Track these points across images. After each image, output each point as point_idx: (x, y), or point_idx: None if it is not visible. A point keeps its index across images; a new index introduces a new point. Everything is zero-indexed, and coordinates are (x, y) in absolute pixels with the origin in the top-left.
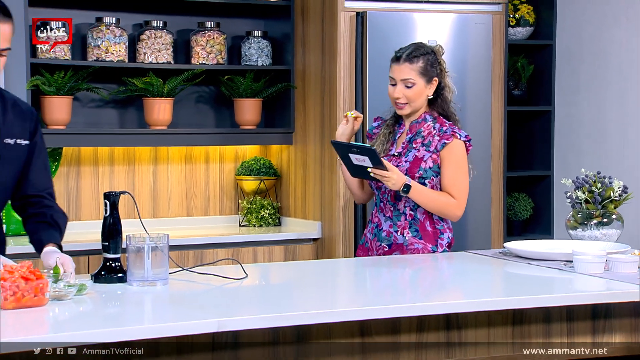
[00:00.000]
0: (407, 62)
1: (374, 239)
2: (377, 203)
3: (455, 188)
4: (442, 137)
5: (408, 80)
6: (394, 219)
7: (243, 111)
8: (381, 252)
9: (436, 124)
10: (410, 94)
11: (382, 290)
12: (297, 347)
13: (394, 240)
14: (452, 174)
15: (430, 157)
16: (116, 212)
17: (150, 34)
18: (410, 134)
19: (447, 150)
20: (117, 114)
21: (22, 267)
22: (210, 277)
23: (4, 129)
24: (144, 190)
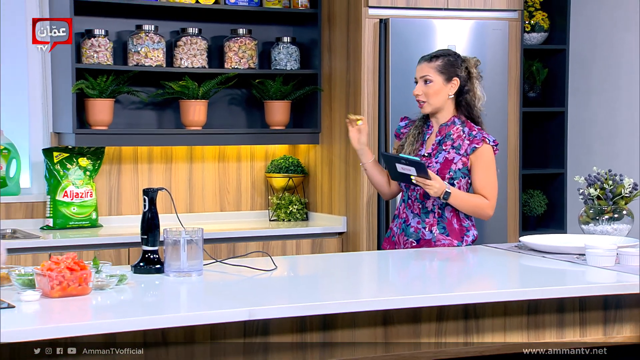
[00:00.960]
0: (427, 61)
1: (401, 233)
2: (404, 200)
3: (487, 190)
4: (473, 142)
5: (426, 76)
6: (422, 216)
7: (273, 113)
8: (409, 247)
9: (465, 128)
10: (428, 91)
11: (403, 282)
12: (323, 335)
13: (422, 236)
14: (484, 177)
15: (460, 159)
16: (154, 207)
17: (186, 40)
18: (440, 136)
19: (477, 154)
20: (156, 115)
21: (67, 258)
22: (241, 268)
23: None
24: (180, 187)
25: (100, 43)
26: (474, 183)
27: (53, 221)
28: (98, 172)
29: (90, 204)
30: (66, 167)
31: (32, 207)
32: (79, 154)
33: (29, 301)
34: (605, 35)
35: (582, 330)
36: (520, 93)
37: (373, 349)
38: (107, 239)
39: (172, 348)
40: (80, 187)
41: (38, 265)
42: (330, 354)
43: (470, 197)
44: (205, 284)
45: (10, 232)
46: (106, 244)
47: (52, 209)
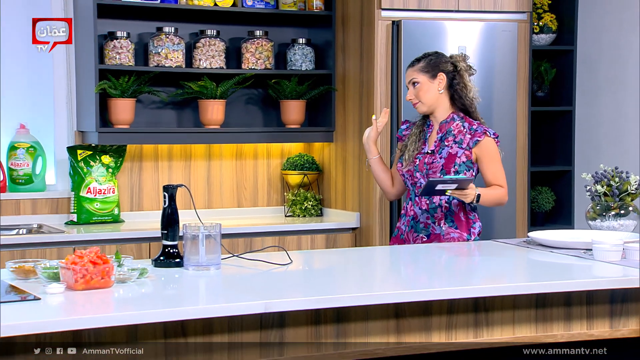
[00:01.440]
0: (411, 67)
1: (410, 230)
2: (411, 198)
3: (500, 180)
4: (474, 135)
5: (413, 79)
6: (431, 211)
7: (288, 112)
8: (419, 242)
9: (465, 123)
10: (417, 92)
11: (415, 276)
12: (337, 327)
13: (432, 230)
14: (494, 169)
15: (464, 153)
16: (174, 203)
17: (205, 41)
18: (441, 133)
19: (481, 147)
20: (175, 114)
21: (90, 252)
22: (258, 262)
23: None
24: (198, 184)
25: (122, 45)
26: (486, 176)
27: (77, 216)
28: (120, 169)
29: (113, 200)
30: (89, 164)
31: (57, 203)
32: (101, 152)
33: (54, 293)
34: (612, 36)
35: (589, 324)
36: (528, 92)
37: (385, 341)
38: (129, 233)
39: (191, 339)
40: (103, 183)
41: (63, 259)
42: (344, 346)
43: (492, 191)
44: (223, 278)
45: (36, 227)
46: (128, 238)
47: (76, 204)
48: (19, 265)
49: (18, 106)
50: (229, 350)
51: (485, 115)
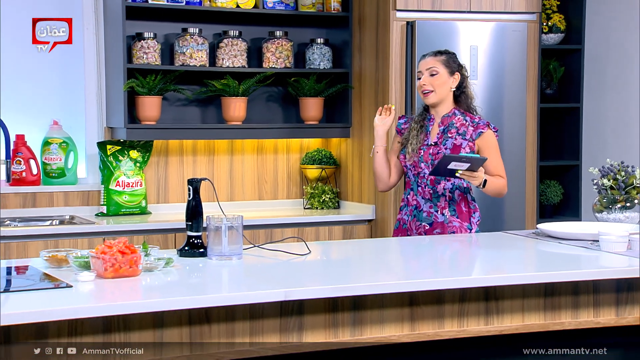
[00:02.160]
0: (433, 55)
1: (413, 219)
2: (413, 188)
3: (501, 170)
4: (477, 128)
5: (432, 68)
6: (434, 200)
7: (307, 109)
8: (422, 231)
9: (466, 117)
10: (434, 82)
11: (428, 266)
12: (353, 315)
13: (435, 219)
14: (496, 160)
15: (467, 144)
16: (198, 196)
17: (227, 42)
18: (443, 126)
19: (483, 139)
20: (199, 111)
21: (119, 242)
22: (278, 253)
23: None
24: (221, 177)
25: (149, 45)
26: (488, 167)
27: (107, 208)
28: (147, 164)
29: (140, 193)
30: (118, 159)
31: (87, 195)
32: (130, 147)
33: (84, 281)
34: (618, 35)
35: (595, 312)
36: (538, 90)
37: (400, 328)
38: (156, 225)
39: (214, 326)
40: (131, 177)
41: (93, 249)
42: (360, 332)
43: (495, 180)
44: (245, 267)
45: (68, 218)
46: (154, 229)
47: (106, 197)
48: (52, 255)
49: (51, 104)
50: (250, 335)
51: (496, 112)
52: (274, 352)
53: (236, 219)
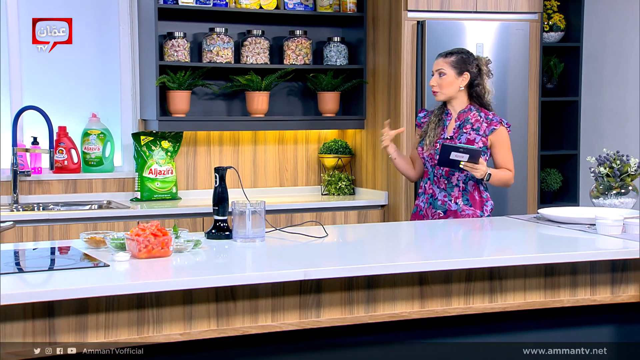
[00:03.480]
0: (443, 57)
1: (429, 207)
2: (430, 178)
3: (509, 164)
4: (491, 124)
5: (440, 70)
6: (448, 190)
7: (325, 102)
8: (436, 218)
9: (481, 113)
10: (441, 82)
11: (437, 247)
12: (367, 293)
13: (449, 207)
14: (506, 154)
15: (481, 139)
16: (224, 183)
17: (251, 40)
18: (459, 121)
19: (496, 135)
20: (225, 105)
21: (152, 225)
22: (298, 235)
23: None
24: (245, 166)
25: (180, 43)
26: (497, 160)
27: (140, 194)
28: (177, 153)
29: (171, 180)
30: (151, 148)
31: (123, 182)
32: (161, 138)
33: (120, 261)
34: (615, 34)
35: (592, 290)
36: (539, 85)
37: (410, 305)
38: (185, 209)
39: (239, 303)
40: (162, 165)
41: (128, 231)
42: (373, 309)
43: (501, 172)
44: (267, 249)
45: (105, 203)
46: (184, 213)
47: (140, 184)
48: (91, 236)
49: (90, 98)
50: (272, 312)
51: (500, 105)
52: (293, 327)
53: (259, 204)
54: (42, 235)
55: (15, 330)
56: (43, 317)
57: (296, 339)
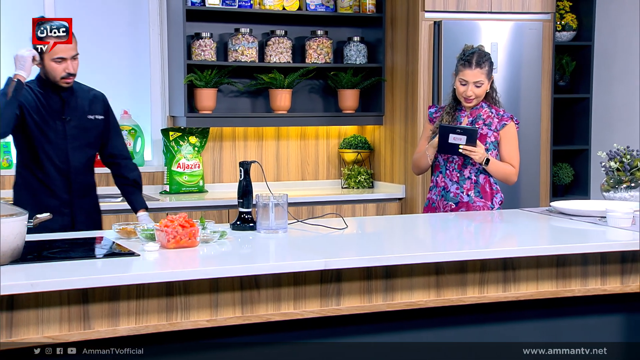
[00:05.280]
0: (478, 67)
1: (441, 199)
2: (442, 171)
3: (514, 160)
4: (502, 120)
5: (479, 81)
6: (460, 182)
7: (345, 99)
8: (448, 210)
9: (492, 110)
10: (479, 92)
11: (452, 239)
12: (385, 282)
13: (460, 199)
14: (512, 149)
15: (493, 134)
16: (248, 176)
17: (274, 40)
18: (471, 117)
19: (506, 130)
20: (250, 102)
21: (179, 217)
22: (318, 227)
23: (89, 109)
24: (269, 160)
25: (206, 43)
26: (502, 154)
27: (169, 187)
28: (204, 148)
29: (198, 174)
30: (179, 143)
31: (153, 176)
32: (189, 133)
33: (150, 251)
34: (626, 33)
35: (602, 280)
36: (551, 82)
37: (427, 294)
38: (211, 202)
39: (262, 291)
40: (190, 160)
41: (157, 223)
42: (391, 298)
43: (503, 165)
44: (289, 240)
45: None
46: (210, 206)
47: (169, 177)
48: (123, 227)
49: (122, 96)
50: (294, 300)
51: (513, 101)
52: (315, 315)
53: (282, 197)
54: None
55: (53, 316)
56: (78, 303)
57: (317, 325)
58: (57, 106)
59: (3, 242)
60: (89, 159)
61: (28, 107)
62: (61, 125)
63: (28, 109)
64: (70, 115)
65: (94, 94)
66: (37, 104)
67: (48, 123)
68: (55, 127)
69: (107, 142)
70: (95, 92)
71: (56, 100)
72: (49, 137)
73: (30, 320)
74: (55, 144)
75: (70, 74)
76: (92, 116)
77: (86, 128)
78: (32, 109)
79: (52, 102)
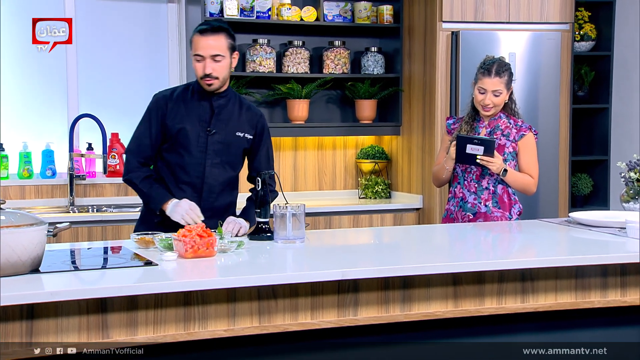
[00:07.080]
0: (497, 76)
1: (459, 210)
2: (460, 182)
3: (532, 170)
4: (520, 130)
5: (497, 90)
6: (478, 193)
7: (362, 109)
8: (466, 220)
9: (510, 120)
10: (497, 101)
11: (470, 249)
12: (403, 293)
13: (478, 209)
14: (530, 160)
15: (511, 145)
16: (266, 186)
17: (292, 50)
18: (490, 128)
19: (524, 141)
20: (268, 112)
21: (197, 227)
22: (336, 237)
23: (238, 125)
24: (286, 170)
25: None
26: (521, 164)
27: None
28: None
29: None
30: None
31: None
32: None
33: (168, 260)
34: None
35: (622, 292)
36: (570, 92)
37: (444, 305)
38: None
39: (280, 301)
40: None
41: (175, 233)
42: (409, 308)
43: (521, 175)
44: (307, 250)
45: None
46: None
47: None
48: (141, 237)
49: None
50: (311, 310)
51: (532, 111)
52: (332, 325)
53: (299, 207)
54: (96, 236)
55: (72, 325)
56: (96, 312)
57: (334, 336)
58: (206, 116)
59: (23, 251)
60: (228, 179)
61: (170, 116)
62: (204, 137)
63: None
64: (216, 128)
65: (251, 111)
66: (183, 110)
67: (192, 132)
68: (198, 138)
69: (252, 161)
70: (254, 109)
71: (206, 108)
72: (189, 148)
73: (50, 329)
74: (195, 156)
75: (207, 74)
76: (240, 133)
77: (230, 144)
78: (175, 117)
79: (202, 110)
